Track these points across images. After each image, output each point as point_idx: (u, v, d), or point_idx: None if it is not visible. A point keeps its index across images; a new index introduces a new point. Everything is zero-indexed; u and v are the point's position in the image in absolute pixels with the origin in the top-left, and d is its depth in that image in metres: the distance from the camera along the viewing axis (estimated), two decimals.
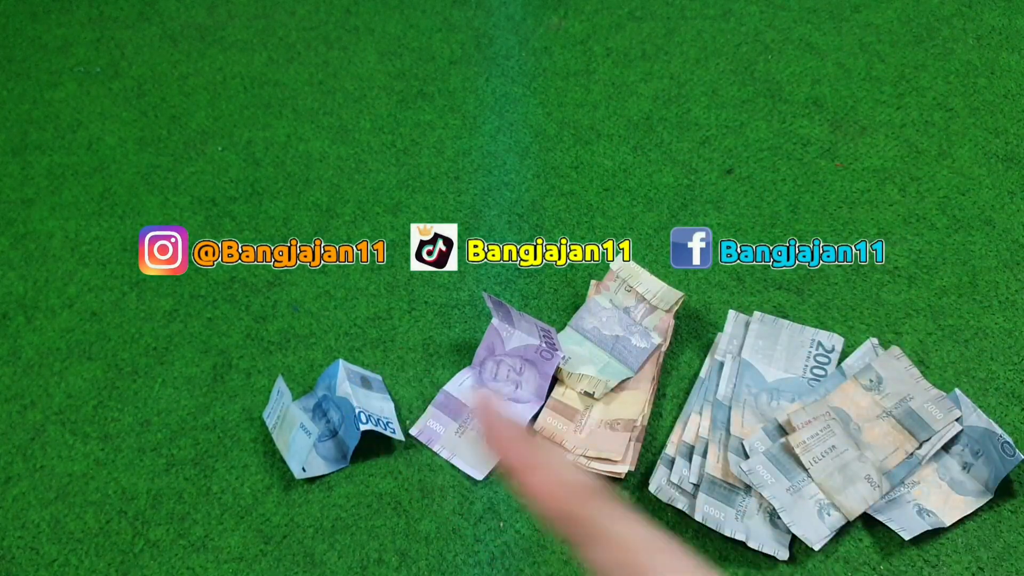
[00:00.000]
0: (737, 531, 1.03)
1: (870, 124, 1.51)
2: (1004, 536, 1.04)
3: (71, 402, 1.26)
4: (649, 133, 1.54)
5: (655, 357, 1.22)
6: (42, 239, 1.47)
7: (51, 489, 1.17)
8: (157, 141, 1.62)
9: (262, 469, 1.17)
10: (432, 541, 1.09)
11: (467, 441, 1.17)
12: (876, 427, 1.10)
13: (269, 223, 1.46)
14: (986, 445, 1.06)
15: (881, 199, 1.39)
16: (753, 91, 1.59)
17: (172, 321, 1.34)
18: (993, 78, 1.55)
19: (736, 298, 1.29)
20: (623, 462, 1.10)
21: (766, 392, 1.17)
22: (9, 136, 1.65)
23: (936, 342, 1.21)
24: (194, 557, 1.09)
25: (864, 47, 1.64)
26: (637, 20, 1.75)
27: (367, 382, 1.22)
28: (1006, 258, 1.30)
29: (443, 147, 1.55)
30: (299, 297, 1.35)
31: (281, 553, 1.09)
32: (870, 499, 1.04)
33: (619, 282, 1.28)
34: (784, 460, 1.07)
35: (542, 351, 1.20)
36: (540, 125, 1.57)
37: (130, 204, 1.51)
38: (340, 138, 1.59)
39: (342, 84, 1.69)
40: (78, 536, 1.12)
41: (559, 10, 1.78)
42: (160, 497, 1.15)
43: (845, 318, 1.25)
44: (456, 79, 1.67)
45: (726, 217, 1.40)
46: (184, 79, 1.73)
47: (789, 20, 1.71)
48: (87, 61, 1.79)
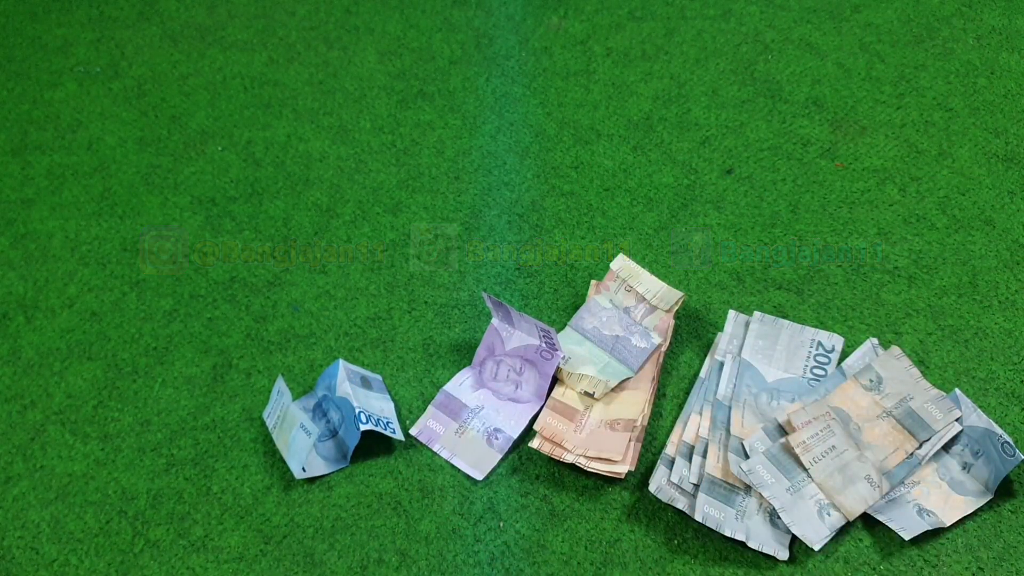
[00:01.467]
0: (737, 531, 1.03)
1: (870, 124, 1.51)
2: (1004, 536, 1.04)
3: (71, 402, 1.26)
4: (649, 133, 1.54)
5: (655, 357, 1.22)
6: (42, 239, 1.47)
7: (51, 489, 1.17)
8: (157, 141, 1.62)
9: (262, 469, 1.17)
10: (432, 541, 1.09)
11: (467, 441, 1.17)
12: (876, 427, 1.10)
13: (269, 223, 1.46)
14: (986, 445, 1.06)
15: (881, 199, 1.40)
16: (753, 91, 1.59)
17: (172, 321, 1.34)
18: (993, 78, 1.55)
19: (736, 298, 1.29)
20: (623, 462, 1.10)
21: (766, 392, 1.17)
22: (9, 136, 1.65)
23: (936, 342, 1.21)
24: (194, 557, 1.10)
25: (864, 47, 1.64)
26: (637, 20, 1.75)
27: (367, 382, 1.22)
28: (1006, 258, 1.30)
29: (443, 147, 1.55)
30: (299, 297, 1.35)
31: (281, 553, 1.09)
32: (870, 499, 1.04)
33: (619, 282, 1.28)
34: (784, 460, 1.07)
35: (542, 351, 1.20)
36: (540, 125, 1.57)
37: (130, 204, 1.51)
38: (340, 138, 1.59)
39: (342, 84, 1.69)
40: (78, 536, 1.12)
41: (559, 10, 1.78)
42: (160, 497, 1.15)
43: (845, 318, 1.25)
44: (456, 79, 1.67)
45: (726, 217, 1.40)
46: (184, 79, 1.73)
47: (789, 20, 1.71)
48: (87, 61, 1.79)
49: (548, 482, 1.13)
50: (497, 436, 1.17)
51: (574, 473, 1.13)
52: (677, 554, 1.05)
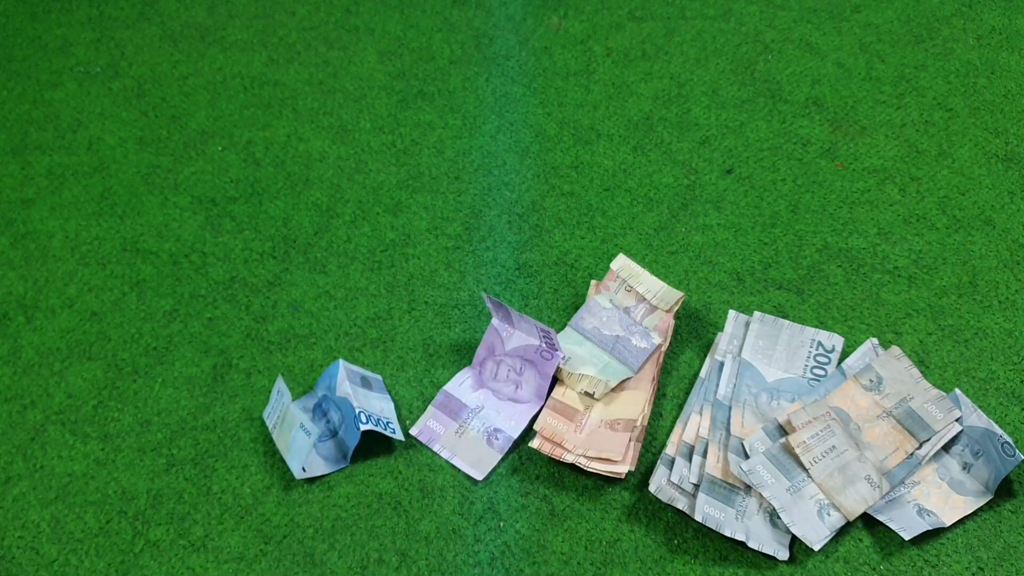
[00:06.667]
0: (737, 531, 1.03)
1: (870, 124, 1.51)
2: (1004, 536, 1.04)
3: (71, 402, 1.26)
4: (649, 133, 1.54)
5: (655, 357, 1.22)
6: (42, 239, 1.47)
7: (51, 489, 1.17)
8: (157, 141, 1.62)
9: (262, 469, 1.17)
10: (432, 541, 1.09)
11: (467, 441, 1.17)
12: (876, 427, 1.10)
13: (269, 223, 1.46)
14: (986, 445, 1.06)
15: (881, 199, 1.40)
16: (753, 91, 1.59)
17: (172, 321, 1.34)
18: (993, 78, 1.55)
19: (736, 298, 1.29)
20: (623, 462, 1.10)
21: (766, 392, 1.17)
22: (9, 136, 1.65)
23: (936, 342, 1.21)
24: (194, 557, 1.10)
25: (864, 47, 1.64)
26: (637, 20, 1.75)
27: (367, 382, 1.22)
28: (1006, 258, 1.30)
29: (443, 147, 1.56)
30: (299, 297, 1.35)
31: (281, 553, 1.09)
32: (870, 499, 1.04)
33: (619, 282, 1.28)
34: (784, 460, 1.07)
35: (542, 351, 1.20)
36: (540, 125, 1.57)
37: (130, 204, 1.51)
38: (340, 138, 1.59)
39: (342, 84, 1.69)
40: (78, 536, 1.12)
41: (559, 10, 1.78)
42: (160, 497, 1.15)
43: (845, 318, 1.25)
44: (456, 79, 1.67)
45: (726, 217, 1.40)
46: (184, 79, 1.73)
47: (789, 20, 1.71)
48: (87, 61, 1.79)
49: (548, 482, 1.13)
50: (497, 436, 1.17)
51: (574, 473, 1.13)
52: (677, 554, 1.05)
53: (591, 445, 1.12)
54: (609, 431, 1.13)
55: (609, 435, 1.13)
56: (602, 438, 1.12)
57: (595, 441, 1.12)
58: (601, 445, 1.11)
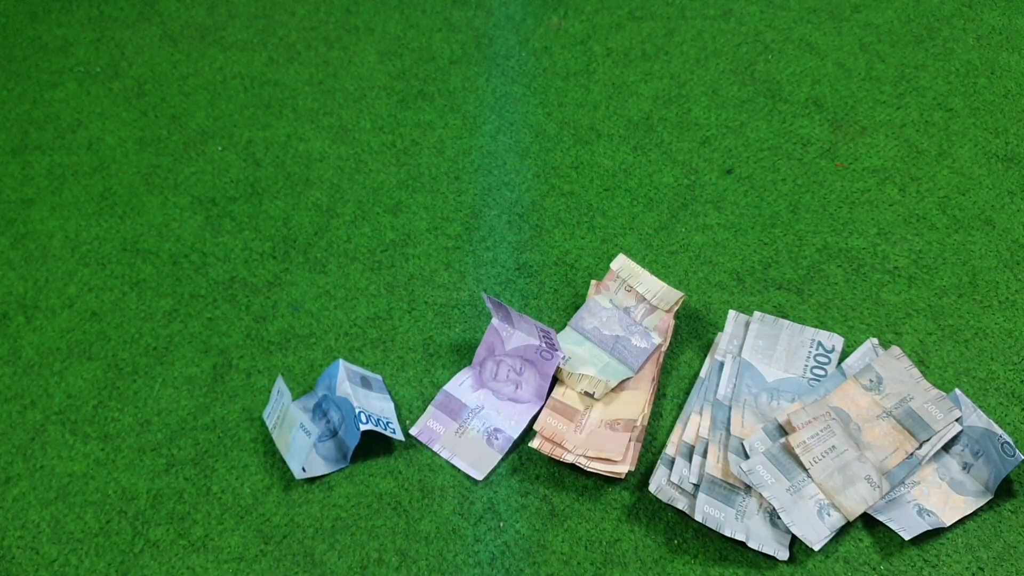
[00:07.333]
0: (737, 531, 1.03)
1: (870, 124, 1.51)
2: (1004, 536, 1.04)
3: (71, 402, 1.26)
4: (649, 133, 1.54)
5: (655, 357, 1.22)
6: (42, 239, 1.47)
7: (51, 489, 1.17)
8: (157, 141, 1.62)
9: (262, 469, 1.17)
10: (432, 541, 1.09)
11: (467, 441, 1.17)
12: (876, 427, 1.10)
13: (269, 223, 1.46)
14: (986, 445, 1.06)
15: (881, 199, 1.40)
16: (753, 91, 1.59)
17: (172, 321, 1.34)
18: (993, 78, 1.55)
19: (736, 298, 1.29)
20: (623, 462, 1.10)
21: (766, 392, 1.17)
22: (9, 136, 1.65)
23: (936, 342, 1.21)
24: (194, 557, 1.10)
25: (864, 47, 1.64)
26: (637, 20, 1.75)
27: (367, 382, 1.22)
28: (1006, 258, 1.30)
29: (443, 147, 1.56)
30: (299, 297, 1.35)
31: (281, 553, 1.09)
32: (870, 499, 1.04)
33: (619, 282, 1.28)
34: (784, 460, 1.07)
35: (542, 351, 1.20)
36: (540, 125, 1.57)
37: (130, 204, 1.51)
38: (340, 138, 1.59)
39: (342, 84, 1.69)
40: (78, 536, 1.12)
41: (559, 10, 1.78)
42: (160, 497, 1.15)
43: (845, 318, 1.25)
44: (456, 79, 1.67)
45: (726, 217, 1.40)
46: (184, 79, 1.73)
47: (789, 20, 1.71)
48: (87, 61, 1.79)
49: (548, 482, 1.13)
50: (497, 436, 1.17)
51: (574, 473, 1.13)
52: (677, 554, 1.05)
53: (591, 445, 1.12)
54: (609, 431, 1.13)
55: (609, 435, 1.13)
56: (602, 438, 1.12)
57: (595, 441, 1.12)
58: (601, 445, 1.11)
